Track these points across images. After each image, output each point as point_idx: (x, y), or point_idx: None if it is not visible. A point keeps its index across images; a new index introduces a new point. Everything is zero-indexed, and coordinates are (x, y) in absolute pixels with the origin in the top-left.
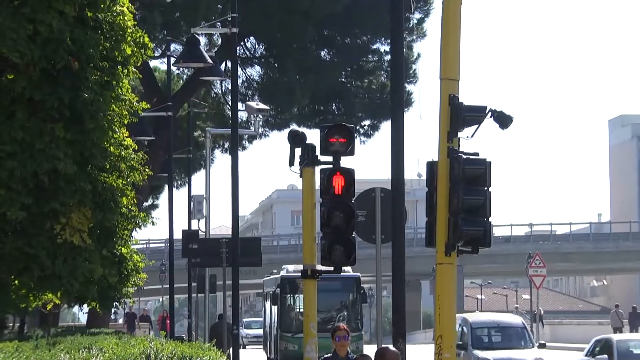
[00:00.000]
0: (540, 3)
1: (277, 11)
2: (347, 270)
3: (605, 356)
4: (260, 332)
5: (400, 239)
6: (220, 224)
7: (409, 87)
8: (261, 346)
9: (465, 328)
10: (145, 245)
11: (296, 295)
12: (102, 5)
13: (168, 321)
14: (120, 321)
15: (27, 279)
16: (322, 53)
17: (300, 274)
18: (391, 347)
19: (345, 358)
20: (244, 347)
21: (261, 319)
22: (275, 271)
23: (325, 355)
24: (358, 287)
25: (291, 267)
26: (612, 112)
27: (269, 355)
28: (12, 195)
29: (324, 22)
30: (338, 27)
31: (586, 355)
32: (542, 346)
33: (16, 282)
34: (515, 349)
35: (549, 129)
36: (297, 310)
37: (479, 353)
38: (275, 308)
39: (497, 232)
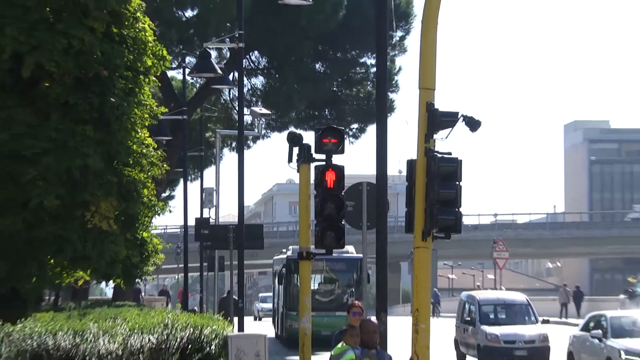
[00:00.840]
0: (506, 20)
1: (278, 29)
2: (351, 251)
3: (600, 331)
4: None
5: (384, 226)
6: (228, 213)
7: (392, 96)
8: None
9: (472, 305)
10: (163, 230)
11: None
12: (126, 23)
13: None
14: (142, 294)
15: (61, 259)
16: (317, 65)
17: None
18: (373, 318)
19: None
20: (260, 319)
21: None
22: (284, 250)
23: (342, 329)
24: (357, 267)
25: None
26: (567, 117)
27: (276, 331)
28: (48, 186)
29: (318, 39)
30: (331, 43)
31: (581, 330)
32: (545, 322)
33: (52, 261)
34: (521, 324)
35: (512, 131)
36: None
37: (486, 328)
38: (281, 287)
39: (466, 220)
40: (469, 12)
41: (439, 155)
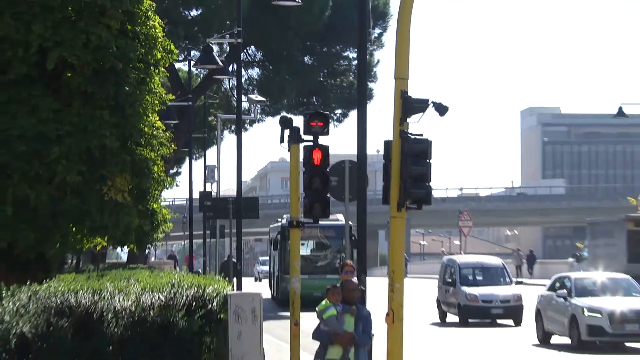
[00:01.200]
0: (472, 17)
1: (272, 27)
2: (341, 219)
3: (565, 291)
4: None
5: (363, 198)
6: (227, 187)
7: (371, 85)
8: None
9: (453, 268)
10: (171, 202)
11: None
12: (139, 21)
13: (194, 260)
14: (152, 259)
15: (82, 228)
16: (306, 59)
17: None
18: (354, 279)
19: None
20: (260, 280)
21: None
22: (279, 219)
23: (335, 284)
24: (343, 233)
25: None
26: (523, 104)
27: (272, 293)
28: (71, 164)
29: (307, 36)
30: (318, 40)
31: (548, 290)
32: (519, 283)
33: (73, 229)
34: (497, 285)
35: (476, 115)
36: None
37: (466, 289)
38: (276, 252)
39: (435, 194)
40: (437, 8)
41: (412, 137)
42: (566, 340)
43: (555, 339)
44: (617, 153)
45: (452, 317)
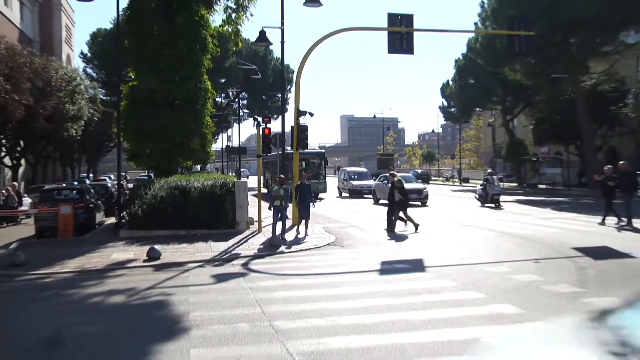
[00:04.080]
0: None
1: (251, 85)
2: (317, 148)
3: (385, 181)
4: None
5: (283, 147)
6: (235, 144)
7: (287, 106)
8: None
9: (347, 173)
10: (215, 149)
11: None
12: (202, 82)
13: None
14: (209, 169)
15: (182, 157)
16: (263, 97)
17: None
18: (282, 176)
19: (305, 183)
20: (248, 177)
21: (244, 169)
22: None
23: (297, 183)
24: (322, 156)
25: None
26: (342, 111)
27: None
28: (177, 135)
29: (264, 87)
30: (268, 89)
31: (377, 181)
32: (373, 180)
33: (179, 158)
34: (366, 180)
35: (325, 116)
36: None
37: (352, 182)
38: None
39: (310, 145)
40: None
41: (301, 124)
42: (386, 202)
43: (381, 202)
44: (374, 133)
45: (345, 195)
